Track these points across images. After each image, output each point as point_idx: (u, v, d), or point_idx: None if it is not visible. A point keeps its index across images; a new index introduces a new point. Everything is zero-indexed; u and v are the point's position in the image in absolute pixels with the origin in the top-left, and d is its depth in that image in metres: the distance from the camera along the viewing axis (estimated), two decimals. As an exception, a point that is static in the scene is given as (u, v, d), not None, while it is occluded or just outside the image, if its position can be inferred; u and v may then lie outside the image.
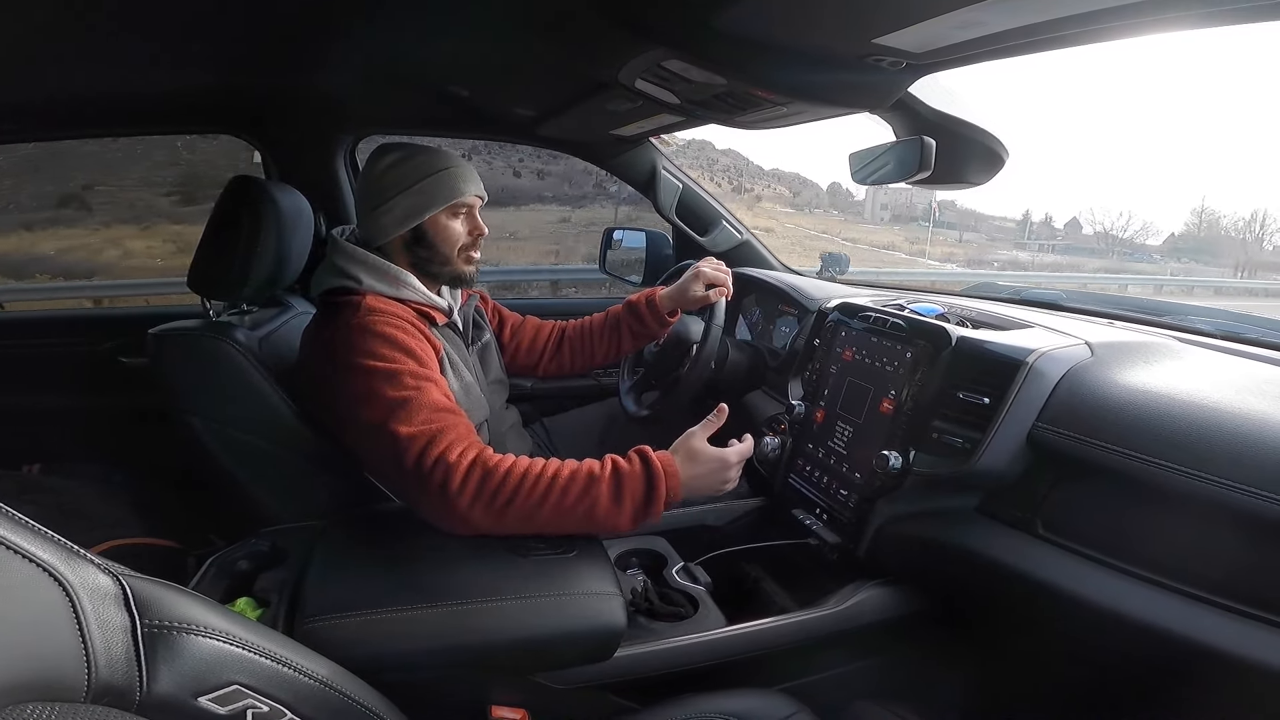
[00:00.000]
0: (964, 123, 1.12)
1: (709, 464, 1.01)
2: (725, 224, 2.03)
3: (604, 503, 0.95)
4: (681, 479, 0.98)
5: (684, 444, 1.02)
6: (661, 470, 0.97)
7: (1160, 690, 0.92)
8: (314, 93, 1.60)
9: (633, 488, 0.96)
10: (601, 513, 0.95)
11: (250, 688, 0.50)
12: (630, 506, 0.95)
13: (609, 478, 0.96)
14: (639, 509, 0.96)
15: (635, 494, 0.96)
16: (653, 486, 0.96)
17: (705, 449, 1.02)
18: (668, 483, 0.97)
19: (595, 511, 0.95)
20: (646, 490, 0.96)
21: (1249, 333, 1.20)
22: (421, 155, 1.17)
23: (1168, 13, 0.74)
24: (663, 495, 0.96)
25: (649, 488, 0.96)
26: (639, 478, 0.96)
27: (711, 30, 0.90)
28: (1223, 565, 0.81)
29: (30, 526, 0.42)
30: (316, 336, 1.14)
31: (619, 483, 0.96)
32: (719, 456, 1.02)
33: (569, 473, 0.96)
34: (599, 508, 0.95)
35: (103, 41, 1.14)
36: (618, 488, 0.96)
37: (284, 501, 1.20)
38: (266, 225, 1.21)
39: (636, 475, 0.97)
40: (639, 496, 0.96)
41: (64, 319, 1.99)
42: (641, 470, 0.97)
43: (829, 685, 1.11)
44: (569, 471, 0.96)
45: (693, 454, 1.01)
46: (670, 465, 0.98)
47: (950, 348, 1.12)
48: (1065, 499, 0.98)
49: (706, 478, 1.01)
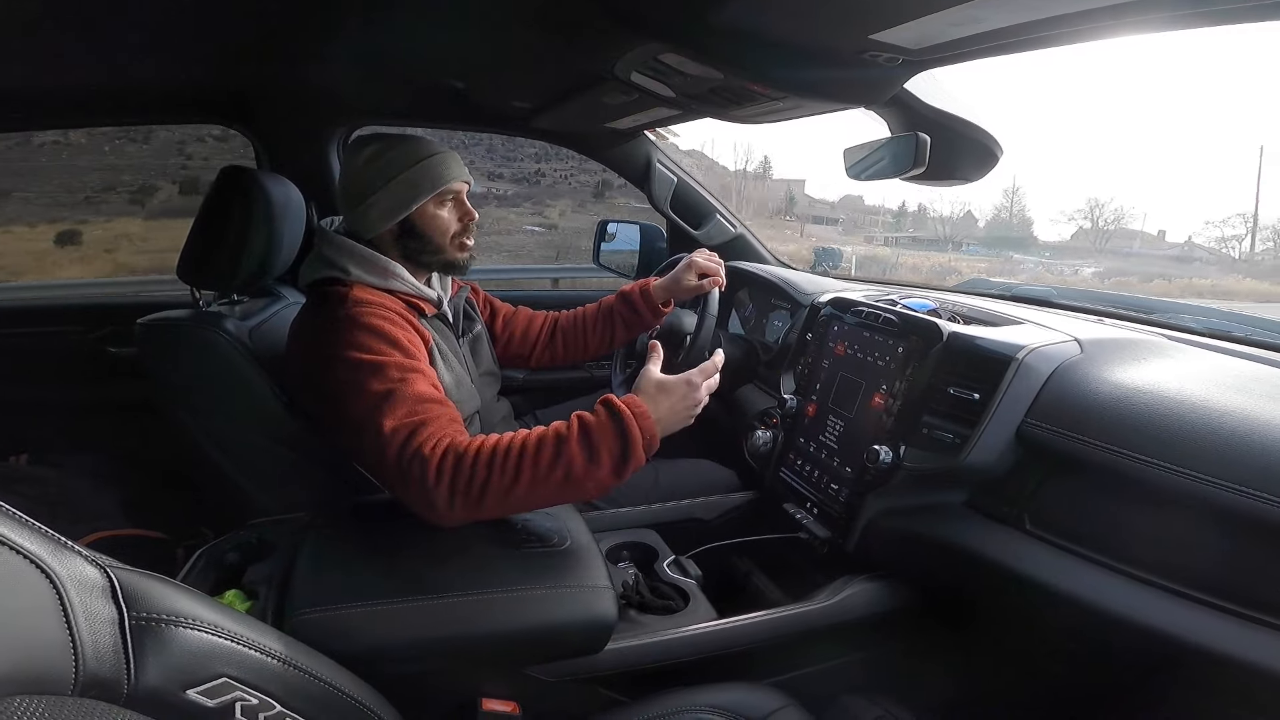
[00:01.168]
0: (959, 119, 1.12)
1: (674, 391, 0.96)
2: (719, 217, 2.02)
3: (579, 461, 0.90)
4: (653, 417, 0.94)
5: (642, 380, 0.98)
6: (629, 412, 0.92)
7: (1144, 685, 0.93)
8: (307, 83, 1.59)
9: (606, 440, 0.91)
10: (579, 472, 0.90)
11: (239, 680, 0.50)
12: (608, 459, 0.91)
13: (578, 436, 0.91)
14: (617, 460, 0.91)
15: (610, 445, 0.91)
16: (625, 432, 0.91)
17: (665, 378, 0.97)
18: (639, 423, 0.91)
19: (573, 472, 0.90)
20: (620, 438, 0.91)
21: (1237, 331, 1.21)
22: (401, 145, 1.14)
23: (1159, 12, 0.74)
24: (639, 439, 0.91)
25: (622, 435, 0.91)
26: (608, 427, 0.92)
27: (708, 25, 0.89)
28: (1208, 562, 0.82)
29: (16, 517, 0.41)
30: (303, 327, 1.12)
31: (589, 437, 0.91)
32: (683, 380, 0.97)
33: (536, 438, 0.92)
34: (575, 467, 0.90)
35: (94, 30, 1.13)
36: (589, 443, 0.91)
37: (273, 493, 1.20)
38: (257, 215, 1.20)
39: (605, 425, 0.92)
40: (615, 447, 0.91)
41: (51, 308, 1.97)
42: (609, 419, 0.92)
43: (818, 679, 1.12)
44: (536, 437, 0.92)
45: (657, 387, 0.97)
46: (637, 406, 0.93)
47: (941, 343, 1.12)
48: (1053, 495, 0.99)
49: (676, 405, 0.96)
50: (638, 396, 0.95)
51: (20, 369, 1.80)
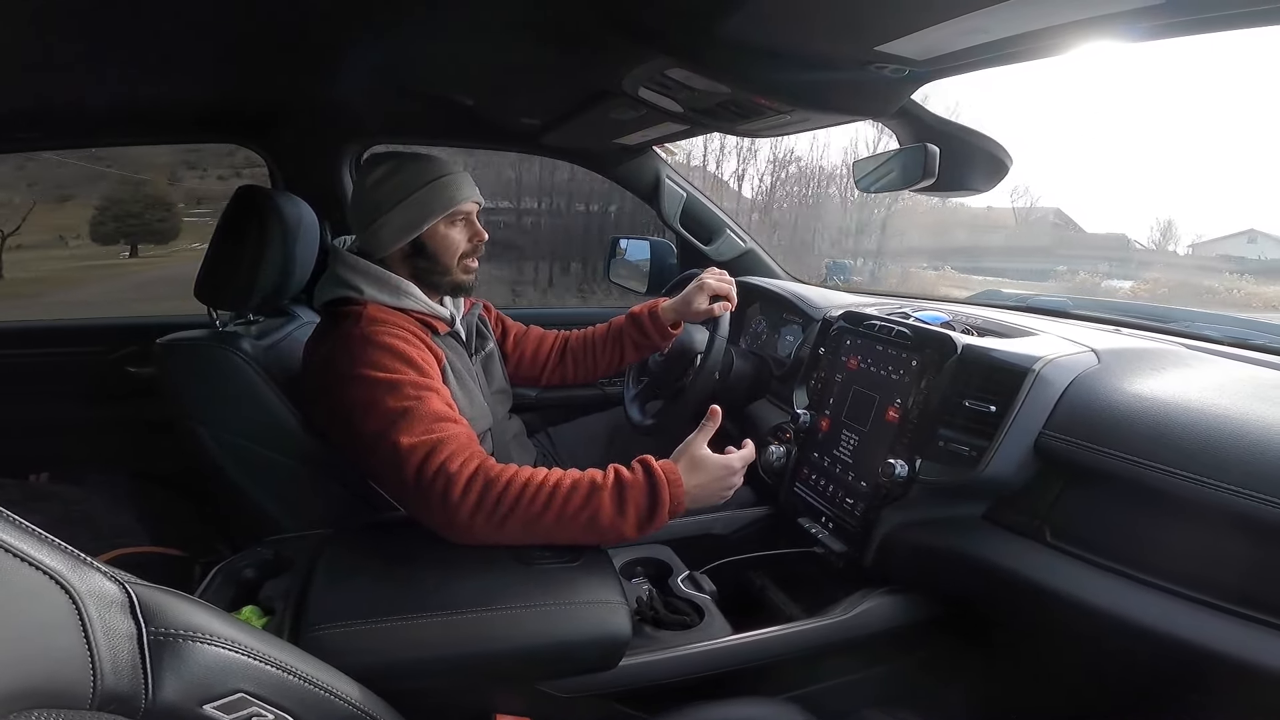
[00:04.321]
0: (968, 129, 1.12)
1: (712, 471, 1.01)
2: (729, 232, 2.03)
3: (607, 512, 0.94)
4: (685, 488, 0.98)
5: (685, 452, 1.02)
6: (665, 479, 0.96)
7: (1170, 698, 0.91)
8: (320, 102, 1.61)
9: (636, 497, 0.95)
10: (605, 522, 0.94)
11: (256, 696, 0.50)
12: (634, 515, 0.95)
13: (612, 487, 0.96)
14: (643, 518, 0.95)
15: (639, 503, 0.95)
16: (656, 495, 0.96)
17: (707, 455, 1.02)
18: (671, 491, 0.96)
19: (598, 521, 0.94)
20: (650, 499, 0.96)
21: (1256, 339, 1.19)
22: (413, 165, 1.15)
23: (1166, 18, 0.74)
24: (666, 504, 0.96)
25: (652, 497, 0.96)
26: (642, 487, 0.96)
27: (714, 39, 0.90)
28: (1234, 571, 0.80)
29: (36, 534, 0.42)
30: (318, 347, 1.13)
31: (622, 492, 0.95)
32: (723, 464, 1.02)
33: (571, 482, 0.96)
34: (602, 516, 0.94)
35: (109, 49, 1.15)
36: (621, 497, 0.95)
37: (289, 510, 1.20)
38: (272, 235, 1.22)
39: (639, 484, 0.96)
40: (642, 506, 0.95)
41: (71, 329, 2.00)
42: (644, 479, 0.97)
43: (835, 693, 1.10)
44: (571, 481, 0.96)
45: (695, 462, 1.01)
46: (673, 474, 0.98)
47: (956, 356, 1.11)
48: (1074, 506, 0.97)
49: (710, 485, 1.01)
50: (677, 466, 1.00)
51: (42, 388, 1.82)
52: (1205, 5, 0.72)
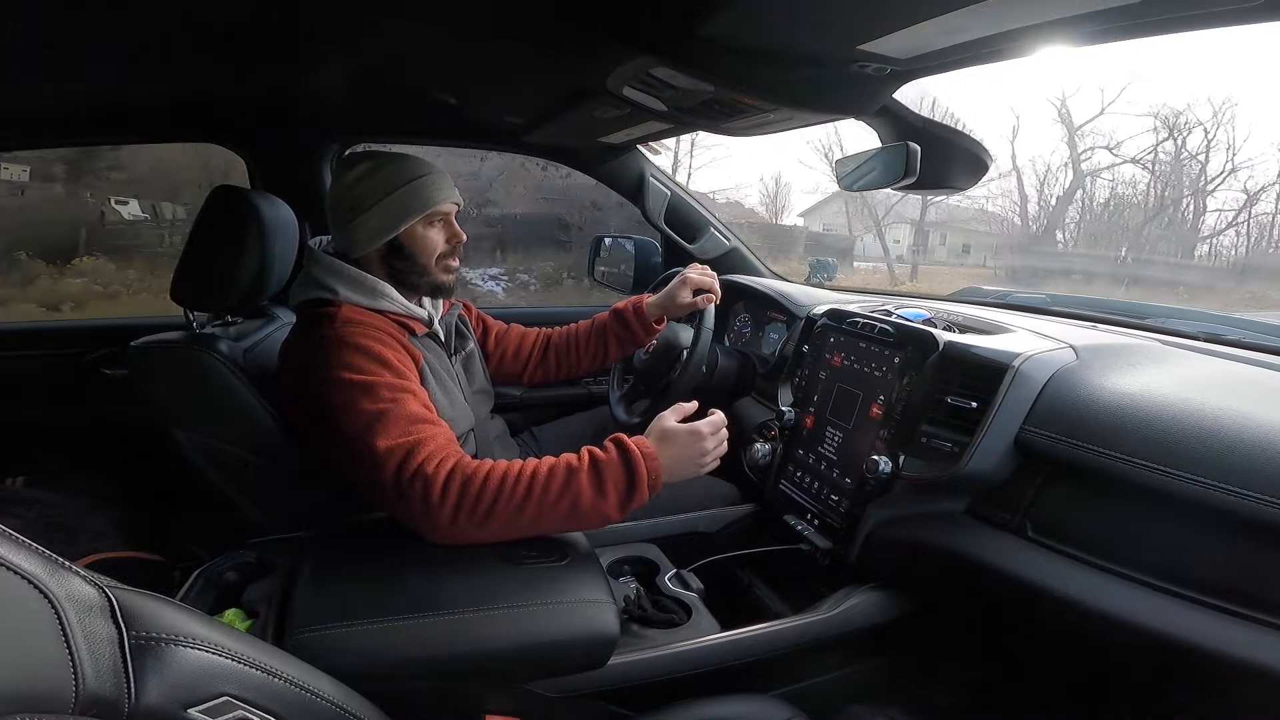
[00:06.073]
0: (949, 128, 1.14)
1: (682, 439, 1.01)
2: (713, 231, 2.03)
3: (587, 494, 0.94)
4: (660, 460, 0.98)
5: (655, 426, 1.03)
6: (639, 452, 0.97)
7: (1150, 690, 0.92)
8: (300, 102, 1.59)
9: (613, 475, 0.96)
10: (586, 505, 0.94)
11: (241, 699, 0.50)
12: (614, 494, 0.95)
13: (588, 468, 0.96)
14: (623, 496, 0.96)
15: (617, 481, 0.95)
16: (633, 470, 0.96)
17: (676, 427, 1.02)
18: (647, 464, 0.96)
19: (580, 504, 0.94)
20: (627, 475, 0.96)
21: (1229, 334, 1.22)
22: (391, 165, 1.14)
23: (1144, 17, 0.75)
24: (645, 478, 0.96)
25: (629, 472, 0.96)
26: (617, 464, 0.96)
27: (698, 38, 0.90)
28: (1210, 565, 0.82)
29: (13, 538, 0.41)
30: (293, 348, 1.12)
31: (599, 472, 0.96)
32: (690, 430, 1.02)
33: (548, 469, 0.95)
34: (583, 500, 0.94)
35: (86, 49, 1.13)
36: (598, 477, 0.95)
37: (269, 513, 1.19)
38: (250, 235, 1.20)
39: (614, 462, 0.96)
40: (621, 483, 0.96)
41: (46, 330, 1.97)
42: (619, 457, 0.97)
43: (823, 689, 1.11)
44: (547, 468, 0.96)
45: (665, 434, 1.01)
46: (646, 447, 0.98)
47: (937, 352, 1.13)
48: (1054, 501, 0.99)
49: (682, 454, 1.01)
50: (649, 439, 1.00)
51: (16, 391, 1.79)
52: (1183, 4, 0.73)
